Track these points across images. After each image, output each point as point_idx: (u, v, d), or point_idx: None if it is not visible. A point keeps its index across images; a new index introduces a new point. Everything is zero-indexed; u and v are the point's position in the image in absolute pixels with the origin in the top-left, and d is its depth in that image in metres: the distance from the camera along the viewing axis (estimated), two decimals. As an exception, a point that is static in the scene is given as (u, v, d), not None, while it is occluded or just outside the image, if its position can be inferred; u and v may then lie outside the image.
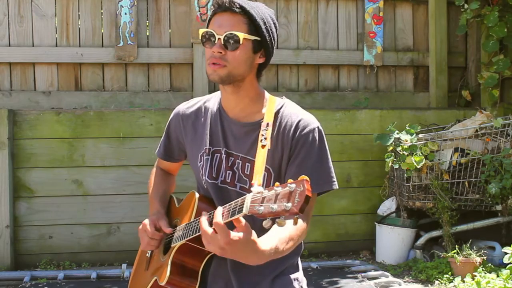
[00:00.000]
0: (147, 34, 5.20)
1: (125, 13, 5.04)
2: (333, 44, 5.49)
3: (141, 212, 4.52)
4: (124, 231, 4.63)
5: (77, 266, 4.55)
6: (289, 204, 1.40)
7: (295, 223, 1.46)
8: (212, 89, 5.07)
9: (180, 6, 5.21)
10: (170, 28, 5.22)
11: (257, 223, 1.64)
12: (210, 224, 1.57)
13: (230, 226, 1.55)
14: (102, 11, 5.11)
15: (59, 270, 4.38)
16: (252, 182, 1.73)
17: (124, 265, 4.33)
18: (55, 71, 5.04)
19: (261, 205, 1.44)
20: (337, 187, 1.89)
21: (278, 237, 1.66)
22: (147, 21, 5.21)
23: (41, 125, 4.58)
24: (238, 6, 1.81)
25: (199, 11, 5.11)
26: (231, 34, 1.80)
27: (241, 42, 1.81)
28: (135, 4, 5.06)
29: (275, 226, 1.54)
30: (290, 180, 1.43)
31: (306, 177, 1.42)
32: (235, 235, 1.52)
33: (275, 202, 1.43)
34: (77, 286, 4.03)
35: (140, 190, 4.60)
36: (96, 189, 4.62)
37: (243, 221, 1.54)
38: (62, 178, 4.59)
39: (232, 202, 1.56)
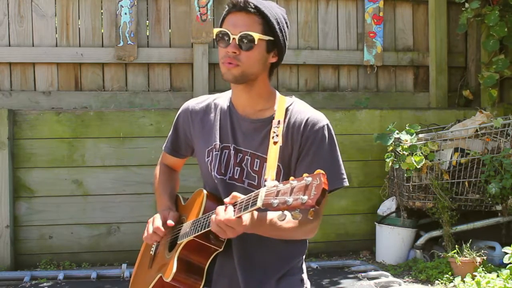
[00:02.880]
0: (147, 34, 5.20)
1: (125, 13, 5.03)
2: (333, 44, 5.48)
3: (141, 212, 4.52)
4: (124, 231, 4.63)
5: (77, 266, 4.55)
6: (305, 197, 1.40)
7: (311, 216, 1.46)
8: (212, 89, 5.07)
9: (180, 6, 5.21)
10: (170, 28, 5.22)
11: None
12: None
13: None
14: (102, 11, 5.11)
15: (59, 270, 4.39)
16: (266, 177, 1.74)
17: (124, 265, 4.33)
18: (55, 71, 5.03)
19: (276, 198, 1.45)
20: (348, 184, 1.92)
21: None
22: (147, 21, 5.21)
23: (41, 125, 4.58)
24: (253, 6, 1.82)
25: (199, 11, 5.11)
26: (245, 34, 1.81)
27: (255, 43, 1.82)
28: (135, 4, 5.06)
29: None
30: (305, 174, 1.44)
31: (322, 171, 1.42)
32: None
33: (290, 195, 1.43)
34: (77, 286, 4.03)
35: (140, 190, 4.59)
36: (96, 189, 4.62)
37: (243, 218, 1.57)
38: (62, 178, 4.59)
39: (245, 196, 1.58)
